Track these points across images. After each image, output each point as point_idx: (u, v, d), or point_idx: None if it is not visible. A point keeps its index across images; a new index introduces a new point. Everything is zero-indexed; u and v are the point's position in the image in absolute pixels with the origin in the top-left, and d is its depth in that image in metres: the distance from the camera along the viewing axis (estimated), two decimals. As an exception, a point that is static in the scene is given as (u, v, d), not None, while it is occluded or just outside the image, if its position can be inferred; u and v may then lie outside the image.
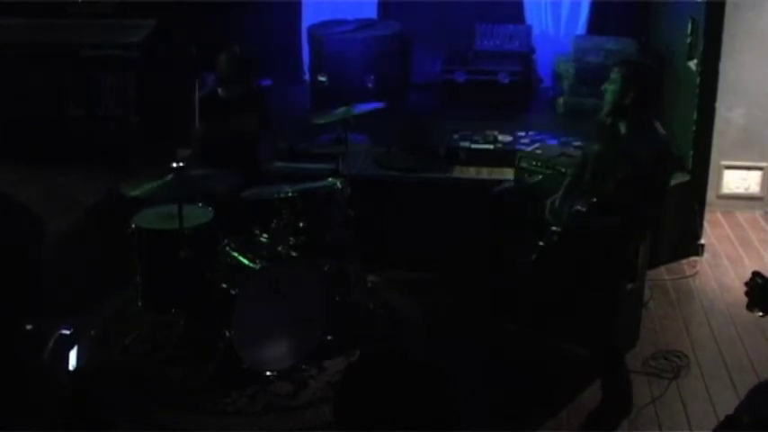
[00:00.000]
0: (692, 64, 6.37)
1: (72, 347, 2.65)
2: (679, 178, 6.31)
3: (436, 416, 2.13)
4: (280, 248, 5.06)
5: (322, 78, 7.84)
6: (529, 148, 5.88)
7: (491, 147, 6.50)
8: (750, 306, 3.14)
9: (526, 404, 4.64)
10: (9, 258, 2.74)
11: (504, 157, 6.20)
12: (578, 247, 4.49)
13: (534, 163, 5.49)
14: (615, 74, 4.56)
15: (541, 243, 4.68)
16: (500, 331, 5.09)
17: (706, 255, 6.46)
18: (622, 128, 4.57)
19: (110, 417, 2.50)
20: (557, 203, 4.77)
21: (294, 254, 5.05)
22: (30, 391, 2.58)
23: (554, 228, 4.67)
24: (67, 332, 2.68)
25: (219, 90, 5.63)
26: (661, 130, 4.65)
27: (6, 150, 6.86)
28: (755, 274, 3.15)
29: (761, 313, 3.11)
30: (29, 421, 2.52)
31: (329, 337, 5.09)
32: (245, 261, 4.94)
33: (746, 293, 3.14)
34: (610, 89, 4.56)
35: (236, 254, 4.98)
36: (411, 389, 2.13)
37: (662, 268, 6.24)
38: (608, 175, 4.48)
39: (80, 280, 5.62)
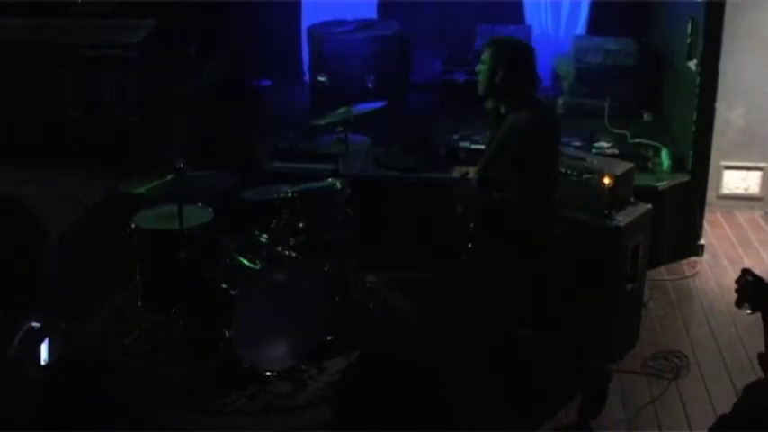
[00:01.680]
0: (692, 64, 6.37)
1: (42, 341, 2.63)
2: (679, 178, 6.32)
3: (435, 416, 2.13)
4: (279, 249, 5.06)
5: (322, 78, 7.84)
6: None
7: (491, 147, 6.49)
8: (739, 302, 3.15)
9: (526, 404, 4.64)
10: (13, 257, 2.74)
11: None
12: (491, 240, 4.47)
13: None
14: (485, 55, 4.48)
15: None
16: (500, 331, 5.08)
17: (706, 255, 6.46)
18: (502, 109, 4.50)
19: (109, 416, 2.49)
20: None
21: (294, 254, 5.06)
22: None
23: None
24: (37, 325, 2.66)
25: (216, 90, 5.61)
26: (541, 100, 4.61)
27: (6, 150, 6.85)
28: (745, 272, 3.16)
29: (749, 310, 3.12)
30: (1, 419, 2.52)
31: (329, 338, 5.10)
32: (245, 261, 4.94)
33: (736, 290, 3.14)
34: (482, 70, 4.49)
35: (235, 254, 4.98)
36: (410, 389, 2.13)
37: (662, 268, 6.24)
38: (501, 158, 4.43)
39: (80, 280, 5.62)
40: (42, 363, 2.64)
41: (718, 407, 4.64)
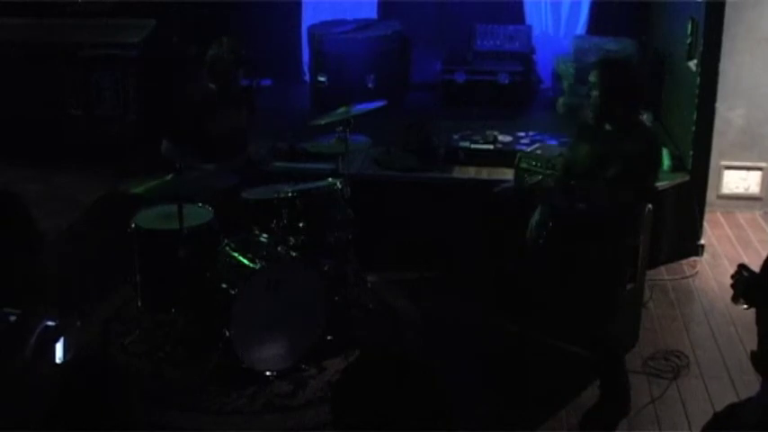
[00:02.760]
0: (692, 64, 6.37)
1: (57, 340, 2.64)
2: (679, 178, 6.32)
3: (434, 416, 2.13)
4: (279, 248, 5.06)
5: (322, 78, 7.84)
6: (529, 149, 5.87)
7: (491, 147, 6.50)
8: (735, 298, 3.15)
9: (526, 404, 4.64)
10: (14, 257, 2.74)
11: (503, 157, 6.20)
12: (571, 244, 4.48)
13: (534, 163, 5.49)
14: (595, 77, 4.47)
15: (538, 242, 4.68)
16: (500, 331, 5.09)
17: (706, 255, 6.46)
18: (608, 126, 4.49)
19: (109, 416, 2.49)
20: (537, 218, 4.74)
21: (294, 254, 5.05)
22: (13, 388, 2.57)
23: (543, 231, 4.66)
24: (52, 324, 2.66)
25: (211, 84, 5.59)
26: (647, 123, 4.63)
27: (6, 150, 6.86)
28: (741, 267, 3.16)
29: (745, 306, 3.13)
30: (15, 419, 2.51)
31: (329, 337, 5.09)
32: (245, 261, 4.93)
33: (732, 285, 3.15)
34: (594, 94, 4.47)
35: (235, 254, 4.98)
36: (409, 389, 2.13)
37: (662, 268, 6.24)
38: (598, 176, 4.44)
39: (80, 280, 5.62)
40: (57, 361, 2.64)
41: (718, 406, 4.62)
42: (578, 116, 4.62)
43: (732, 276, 3.17)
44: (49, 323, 2.67)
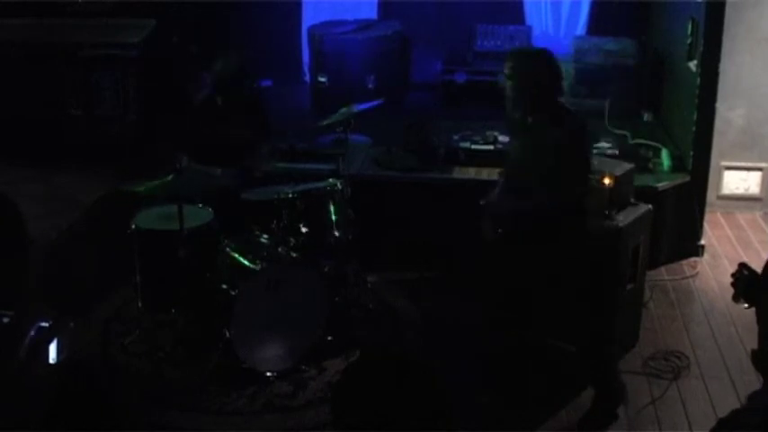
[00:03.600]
0: (692, 64, 6.37)
1: (51, 341, 2.64)
2: (679, 179, 6.32)
3: (434, 416, 2.13)
4: (280, 249, 5.06)
5: (322, 79, 7.84)
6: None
7: (491, 147, 6.50)
8: (735, 297, 3.15)
9: (526, 404, 4.64)
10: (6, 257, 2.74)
11: (504, 157, 6.19)
12: (526, 245, 4.47)
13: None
14: (509, 68, 4.41)
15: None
16: (500, 331, 5.08)
17: (706, 255, 6.46)
18: (531, 119, 4.42)
19: (109, 416, 2.49)
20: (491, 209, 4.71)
21: (294, 254, 5.05)
22: (8, 388, 2.57)
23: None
24: (46, 324, 2.67)
25: (217, 98, 5.59)
26: (570, 109, 4.58)
27: (6, 150, 6.86)
28: (742, 266, 3.16)
29: (746, 305, 3.12)
30: (10, 420, 2.51)
31: (329, 338, 5.09)
32: (245, 261, 4.94)
33: (732, 284, 3.14)
34: (508, 84, 4.41)
35: (236, 254, 4.98)
36: (409, 389, 2.13)
37: (662, 269, 6.24)
38: (535, 168, 4.39)
39: (80, 280, 5.62)
40: (51, 362, 2.65)
41: (719, 407, 4.64)
42: (506, 115, 4.56)
43: (733, 275, 3.17)
44: (43, 324, 2.68)
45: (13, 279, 2.75)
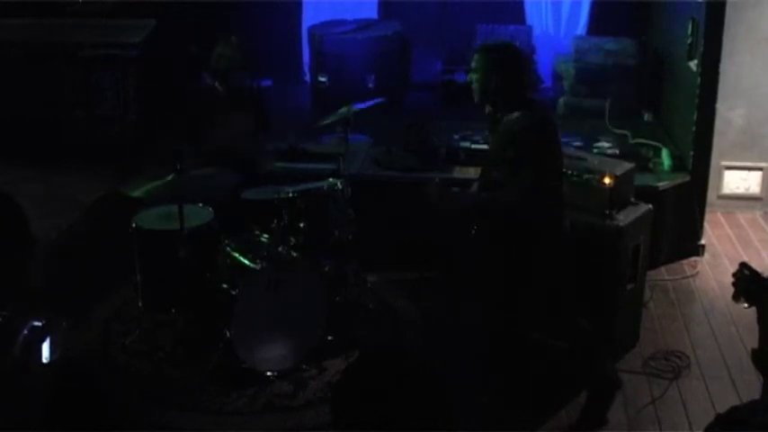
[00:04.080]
0: (693, 64, 6.37)
1: (44, 340, 2.64)
2: (679, 178, 6.32)
3: (434, 416, 2.13)
4: (280, 249, 5.06)
5: (322, 79, 7.84)
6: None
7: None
8: (736, 296, 3.15)
9: (526, 404, 4.64)
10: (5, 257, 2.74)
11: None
12: (497, 237, 4.49)
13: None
14: (475, 62, 4.47)
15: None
16: (500, 331, 5.08)
17: (706, 255, 6.46)
18: (498, 112, 4.49)
19: (109, 416, 2.49)
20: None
21: (294, 254, 5.05)
22: (2, 387, 2.57)
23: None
24: (39, 324, 2.67)
25: (216, 84, 5.59)
26: (535, 101, 4.62)
27: (6, 150, 6.86)
28: (742, 266, 3.16)
29: (746, 304, 3.13)
30: (6, 419, 2.52)
31: (329, 338, 5.09)
32: (246, 261, 4.93)
33: (733, 284, 3.15)
34: (474, 78, 4.48)
35: (236, 254, 4.98)
36: (409, 389, 2.13)
37: (662, 268, 6.23)
38: (500, 161, 4.45)
39: (80, 280, 5.62)
40: (44, 361, 2.65)
41: (719, 406, 4.63)
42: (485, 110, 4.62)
43: (733, 275, 3.17)
44: (36, 323, 2.68)
45: (12, 278, 2.75)
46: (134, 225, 5.03)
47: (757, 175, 7.16)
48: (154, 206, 5.16)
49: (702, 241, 6.49)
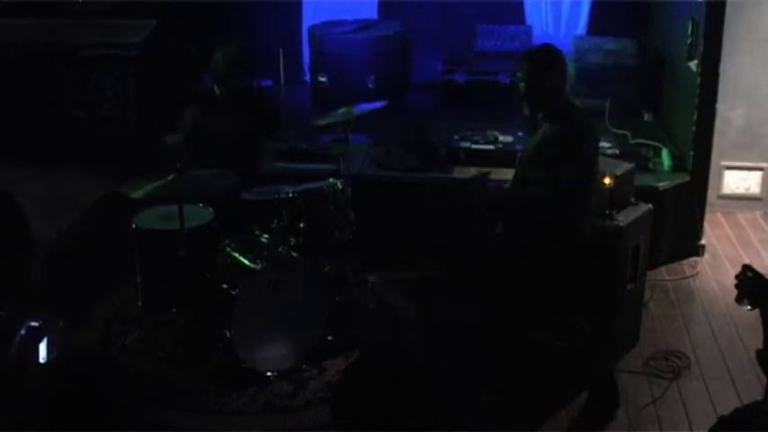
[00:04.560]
0: (693, 64, 6.37)
1: (41, 340, 2.65)
2: (679, 178, 6.32)
3: (434, 416, 2.13)
4: (280, 249, 5.06)
5: (322, 79, 7.84)
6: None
7: (492, 147, 6.50)
8: (739, 298, 3.15)
9: (526, 404, 4.64)
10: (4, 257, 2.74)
11: (504, 157, 6.19)
12: (523, 236, 4.53)
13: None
14: (521, 67, 4.60)
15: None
16: (500, 331, 5.08)
17: (706, 255, 6.46)
18: (540, 115, 4.62)
19: (109, 416, 2.49)
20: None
21: (294, 254, 5.05)
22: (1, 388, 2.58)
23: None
24: (36, 324, 2.67)
25: (215, 88, 5.59)
26: (576, 105, 4.70)
27: (6, 150, 6.86)
28: (745, 267, 3.17)
29: (749, 306, 3.13)
30: (4, 419, 2.52)
31: (329, 338, 5.09)
32: (246, 261, 4.93)
33: (736, 286, 3.15)
34: (521, 86, 4.59)
35: (236, 254, 4.98)
36: (409, 389, 2.13)
37: (662, 269, 6.23)
38: (534, 163, 4.54)
39: (80, 280, 5.62)
40: (41, 361, 2.65)
41: (719, 407, 4.64)
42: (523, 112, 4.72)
43: (736, 277, 3.17)
44: (33, 323, 2.69)
45: (11, 278, 2.76)
46: (134, 225, 5.03)
47: (757, 176, 7.16)
48: (154, 206, 5.15)
49: (702, 241, 6.49)
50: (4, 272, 2.75)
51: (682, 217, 6.35)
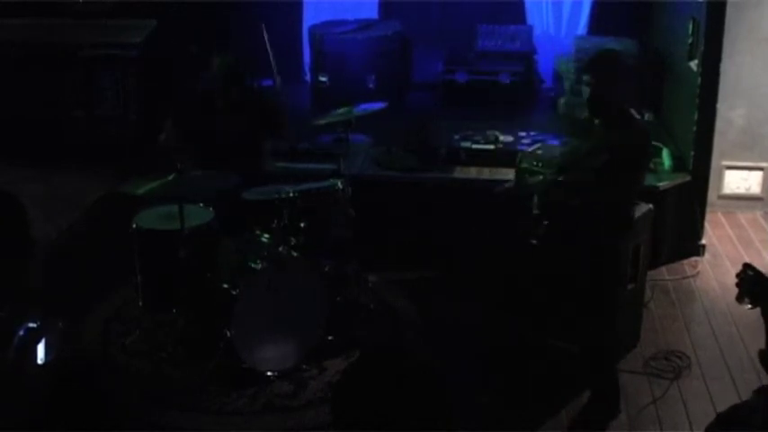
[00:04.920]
0: (693, 64, 6.36)
1: (39, 341, 2.65)
2: (680, 178, 6.31)
3: (434, 416, 2.13)
4: (280, 249, 5.06)
5: (323, 78, 7.84)
6: (530, 149, 5.86)
7: (492, 147, 6.50)
8: (740, 297, 3.15)
9: (526, 404, 4.64)
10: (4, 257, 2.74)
11: (505, 157, 6.19)
12: (566, 242, 4.52)
13: (535, 163, 5.47)
14: (587, 75, 4.54)
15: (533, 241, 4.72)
16: (500, 331, 5.08)
17: (707, 255, 6.46)
18: (598, 120, 4.58)
19: (109, 416, 2.49)
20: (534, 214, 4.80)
21: (295, 254, 5.05)
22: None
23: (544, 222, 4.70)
24: (34, 325, 2.67)
25: (215, 96, 5.58)
26: (637, 117, 4.67)
27: (6, 150, 6.86)
28: (746, 266, 3.17)
29: (750, 305, 3.13)
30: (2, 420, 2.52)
31: (330, 338, 5.09)
32: (246, 261, 4.93)
33: (737, 284, 3.15)
34: (585, 90, 4.54)
35: (236, 254, 4.97)
36: (409, 389, 2.13)
37: (663, 268, 6.23)
38: (587, 168, 4.50)
39: (80, 280, 5.62)
40: (39, 362, 2.65)
41: (720, 407, 4.61)
42: (575, 114, 4.69)
43: (737, 275, 3.17)
44: (31, 324, 2.69)
45: (11, 278, 2.75)
46: (134, 225, 5.03)
47: (758, 175, 7.16)
48: (154, 206, 5.15)
49: (703, 241, 6.49)
50: (3, 272, 2.75)
51: (682, 217, 6.35)
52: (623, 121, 4.51)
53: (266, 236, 5.16)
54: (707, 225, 6.60)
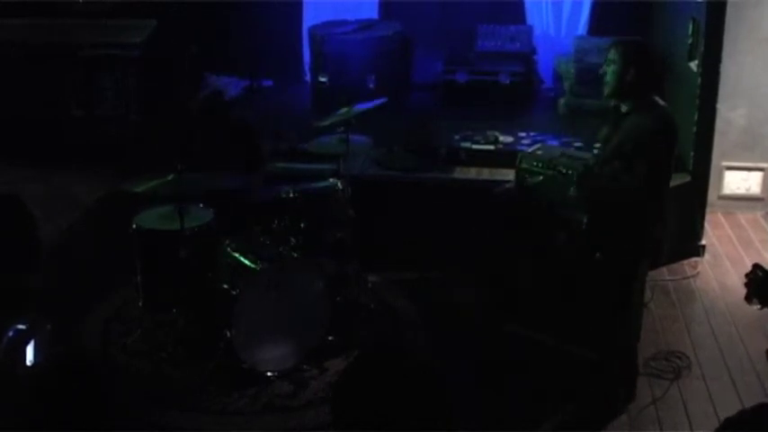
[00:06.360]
0: (693, 64, 6.36)
1: (28, 342, 2.65)
2: (680, 179, 6.31)
3: (434, 416, 2.13)
4: (281, 249, 5.06)
5: (323, 79, 7.84)
6: (530, 149, 5.86)
7: (492, 147, 6.50)
8: (749, 297, 3.14)
9: (526, 404, 4.64)
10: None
11: (505, 157, 6.19)
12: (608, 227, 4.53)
13: (535, 163, 5.47)
14: (613, 54, 4.59)
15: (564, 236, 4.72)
16: (500, 332, 5.08)
17: (707, 255, 6.45)
18: (624, 107, 4.61)
19: (109, 416, 2.49)
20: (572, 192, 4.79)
21: (295, 254, 5.05)
22: None
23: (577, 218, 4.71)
24: (23, 327, 2.67)
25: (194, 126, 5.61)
26: (662, 104, 4.68)
27: (6, 150, 6.86)
28: (756, 267, 3.16)
29: (759, 305, 3.12)
30: None
31: (330, 338, 5.09)
32: (246, 261, 4.93)
33: (746, 284, 3.14)
34: (609, 70, 4.56)
35: (236, 254, 4.97)
36: (409, 389, 2.13)
37: (663, 269, 6.22)
38: (615, 155, 4.53)
39: (80, 280, 5.62)
40: (28, 363, 2.65)
41: (720, 407, 4.63)
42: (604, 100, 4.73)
43: (746, 275, 3.17)
44: (20, 326, 2.68)
45: (16, 281, 2.76)
46: (134, 225, 5.03)
47: (758, 176, 7.16)
48: (155, 206, 5.15)
49: (703, 242, 6.48)
50: (11, 275, 2.75)
51: (682, 217, 6.34)
52: (650, 108, 4.57)
53: (266, 236, 5.16)
54: (707, 225, 6.60)
